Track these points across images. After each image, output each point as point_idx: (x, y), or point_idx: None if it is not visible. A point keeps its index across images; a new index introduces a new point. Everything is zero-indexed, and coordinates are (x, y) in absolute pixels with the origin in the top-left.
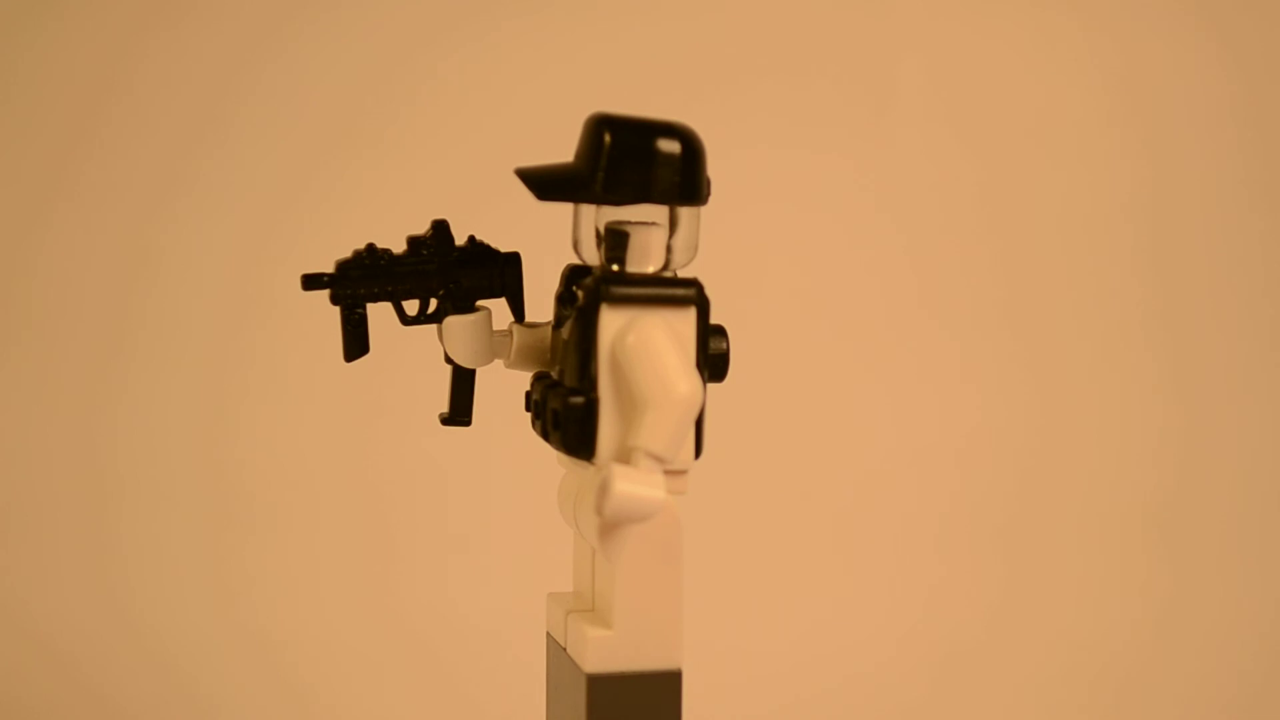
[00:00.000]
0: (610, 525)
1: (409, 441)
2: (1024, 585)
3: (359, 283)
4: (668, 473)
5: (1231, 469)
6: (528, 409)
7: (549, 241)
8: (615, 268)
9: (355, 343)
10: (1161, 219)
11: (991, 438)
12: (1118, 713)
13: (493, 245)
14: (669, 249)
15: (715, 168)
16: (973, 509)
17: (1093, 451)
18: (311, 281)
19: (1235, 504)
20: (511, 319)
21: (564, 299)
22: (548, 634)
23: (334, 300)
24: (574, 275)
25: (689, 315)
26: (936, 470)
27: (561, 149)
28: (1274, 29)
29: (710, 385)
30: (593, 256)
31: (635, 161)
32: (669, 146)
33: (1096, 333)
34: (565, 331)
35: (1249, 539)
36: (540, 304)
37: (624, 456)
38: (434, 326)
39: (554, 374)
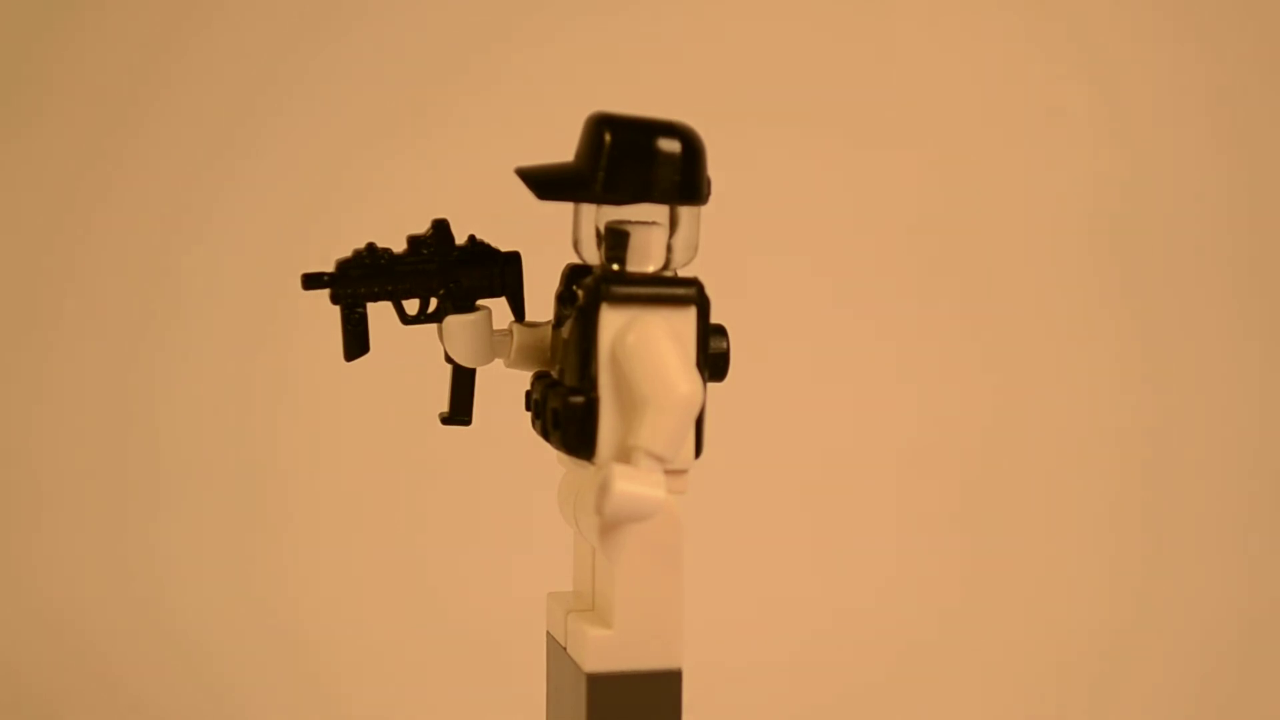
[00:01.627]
0: (610, 525)
1: (408, 441)
2: (1024, 584)
3: (359, 282)
4: (668, 472)
5: (1204, 457)
6: (528, 408)
7: (549, 241)
8: (615, 267)
9: (355, 342)
10: (1137, 218)
11: (996, 436)
12: (1118, 706)
13: (493, 245)
14: (669, 248)
15: (715, 167)
16: (975, 507)
17: (1092, 447)
18: (312, 281)
19: (1208, 491)
20: (511, 318)
21: (564, 298)
22: (548, 634)
23: (334, 299)
24: (574, 275)
25: (689, 315)
26: (937, 469)
27: (562, 148)
28: (1250, 29)
29: (710, 385)
30: (593, 256)
31: (635, 161)
32: (669, 146)
33: (1075, 328)
34: (565, 331)
35: (1223, 526)
36: (540, 303)
37: (624, 456)
38: (434, 326)
39: (554, 373)
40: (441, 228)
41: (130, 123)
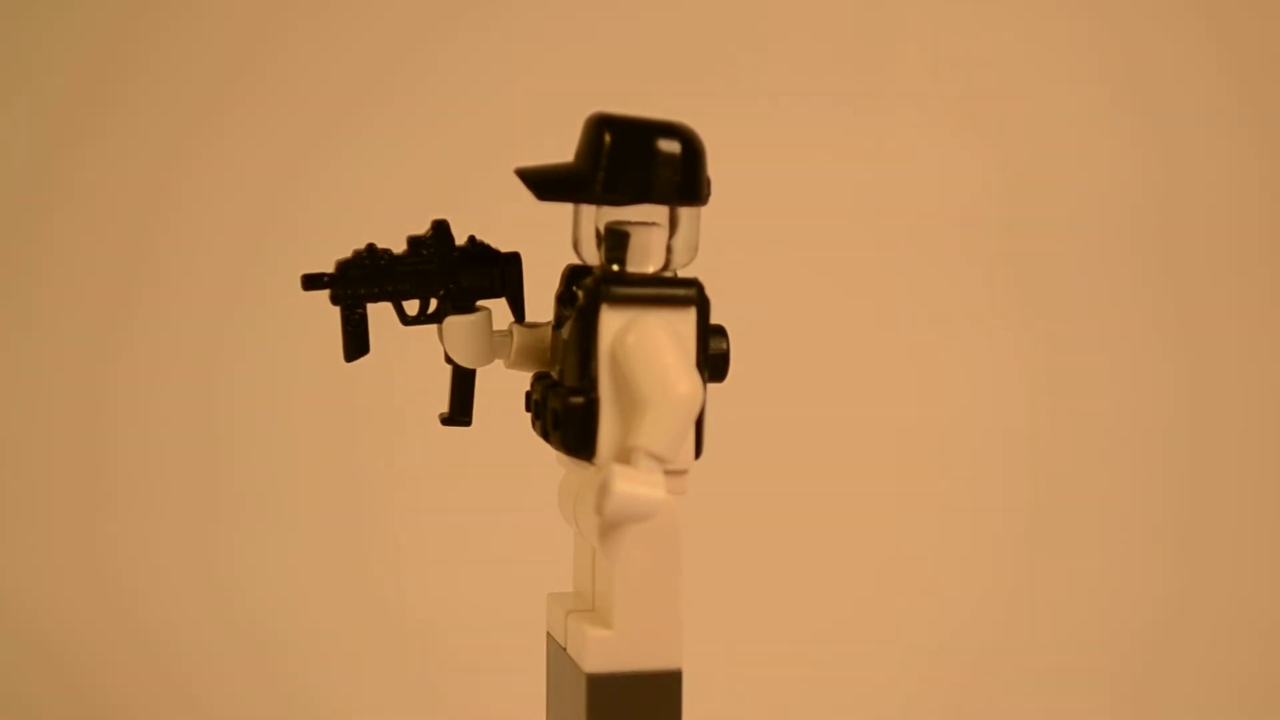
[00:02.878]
0: (610, 525)
1: (409, 441)
2: (1026, 585)
3: (359, 283)
4: (668, 472)
5: (1245, 462)
6: (528, 409)
7: (549, 241)
8: (615, 268)
9: (355, 343)
10: (1170, 211)
11: (994, 436)
12: (1133, 709)
13: (493, 245)
14: (669, 249)
15: (715, 167)
16: (975, 508)
17: (1099, 447)
18: (312, 281)
19: (1252, 495)
20: (511, 319)
21: (564, 299)
22: (548, 634)
23: (334, 300)
24: (574, 275)
25: (689, 315)
26: (938, 469)
27: (562, 148)
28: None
29: (710, 385)
30: (593, 256)
31: (635, 161)
32: (669, 146)
33: (1104, 328)
34: (565, 331)
35: (1264, 531)
36: (540, 304)
37: (624, 456)
38: (434, 326)
39: (554, 374)
40: (441, 228)
41: (109, 101)
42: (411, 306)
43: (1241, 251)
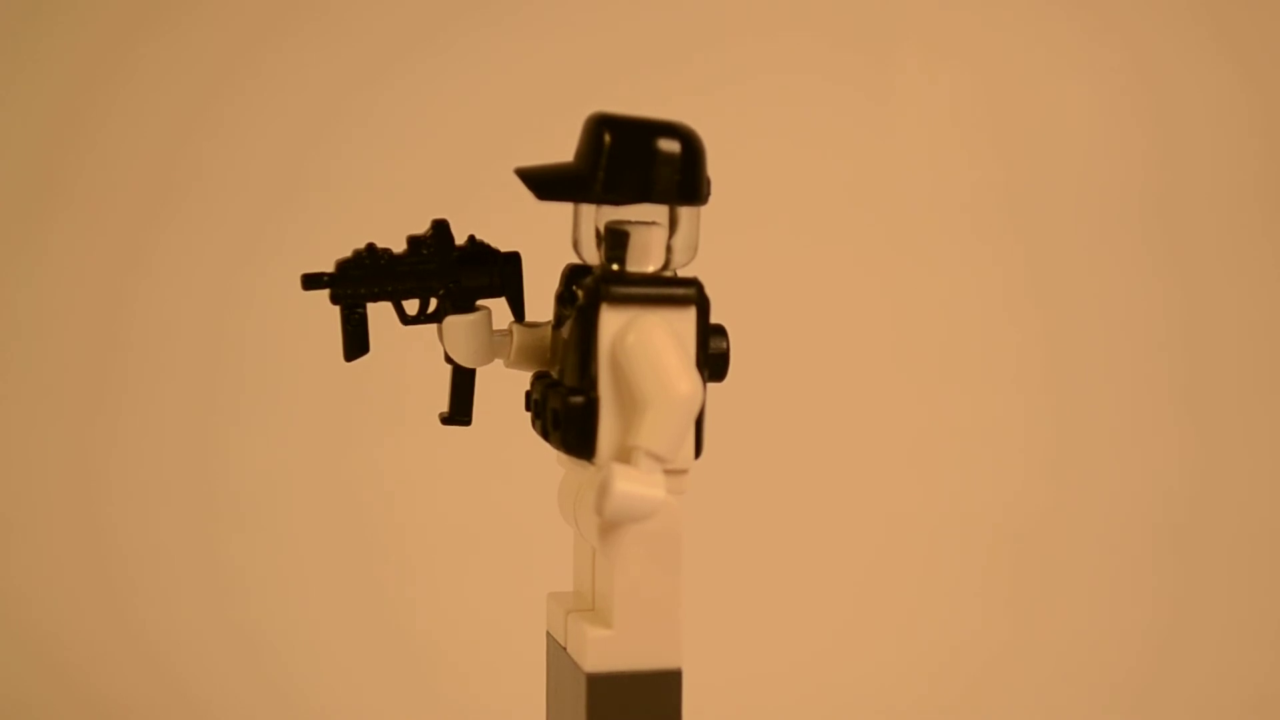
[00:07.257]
0: (610, 525)
1: (408, 441)
2: (1028, 586)
3: (359, 282)
4: (668, 472)
5: (1248, 481)
6: (528, 409)
7: (549, 241)
8: (615, 267)
9: (355, 342)
10: (1174, 215)
11: (997, 439)
12: None
13: (493, 245)
14: (669, 249)
15: (715, 166)
16: (976, 510)
17: (1103, 459)
18: (312, 281)
19: (1254, 516)
20: (511, 319)
21: (564, 299)
22: (548, 634)
23: (334, 300)
24: (574, 275)
25: (689, 315)
26: (939, 471)
27: (562, 148)
28: None
29: (710, 385)
30: (593, 256)
31: (635, 161)
32: (669, 146)
33: (1108, 324)
34: (565, 331)
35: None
36: (540, 304)
37: (624, 456)
38: (434, 326)
39: (554, 373)
40: (441, 228)
41: (108, 100)
42: (411, 306)
43: (1246, 241)
